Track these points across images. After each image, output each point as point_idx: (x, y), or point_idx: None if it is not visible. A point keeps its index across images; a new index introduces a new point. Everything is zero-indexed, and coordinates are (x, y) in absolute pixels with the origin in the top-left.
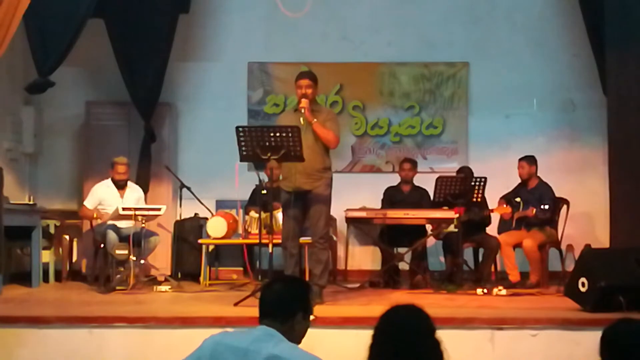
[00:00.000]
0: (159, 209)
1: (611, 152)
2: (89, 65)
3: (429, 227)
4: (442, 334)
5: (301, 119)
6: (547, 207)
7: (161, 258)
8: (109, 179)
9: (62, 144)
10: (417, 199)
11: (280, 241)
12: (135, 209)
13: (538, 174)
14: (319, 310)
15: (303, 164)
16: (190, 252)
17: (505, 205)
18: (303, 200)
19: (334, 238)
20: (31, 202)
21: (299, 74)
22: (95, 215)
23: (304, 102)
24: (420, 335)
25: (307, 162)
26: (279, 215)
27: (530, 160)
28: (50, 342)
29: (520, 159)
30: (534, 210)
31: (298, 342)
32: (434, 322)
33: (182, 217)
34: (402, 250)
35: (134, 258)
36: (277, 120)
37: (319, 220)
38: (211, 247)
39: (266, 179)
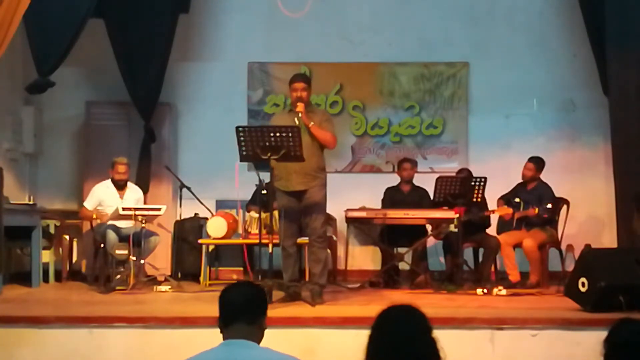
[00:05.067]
0: (159, 209)
1: (614, 154)
2: (89, 65)
3: (429, 227)
4: (442, 334)
5: (296, 120)
6: (550, 206)
7: (161, 258)
8: (109, 180)
9: (62, 144)
10: (417, 199)
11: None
12: (135, 209)
13: None
14: (319, 310)
15: (299, 164)
16: (190, 252)
17: (505, 206)
18: (299, 200)
19: (334, 238)
20: (31, 202)
21: (292, 76)
22: (95, 216)
23: (300, 107)
24: (416, 334)
25: (303, 163)
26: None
27: (539, 164)
28: (50, 342)
29: (529, 159)
30: (537, 210)
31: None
32: (430, 322)
33: (182, 217)
34: (402, 250)
35: (134, 258)
36: (272, 121)
37: (316, 219)
38: (211, 247)
39: (266, 179)
